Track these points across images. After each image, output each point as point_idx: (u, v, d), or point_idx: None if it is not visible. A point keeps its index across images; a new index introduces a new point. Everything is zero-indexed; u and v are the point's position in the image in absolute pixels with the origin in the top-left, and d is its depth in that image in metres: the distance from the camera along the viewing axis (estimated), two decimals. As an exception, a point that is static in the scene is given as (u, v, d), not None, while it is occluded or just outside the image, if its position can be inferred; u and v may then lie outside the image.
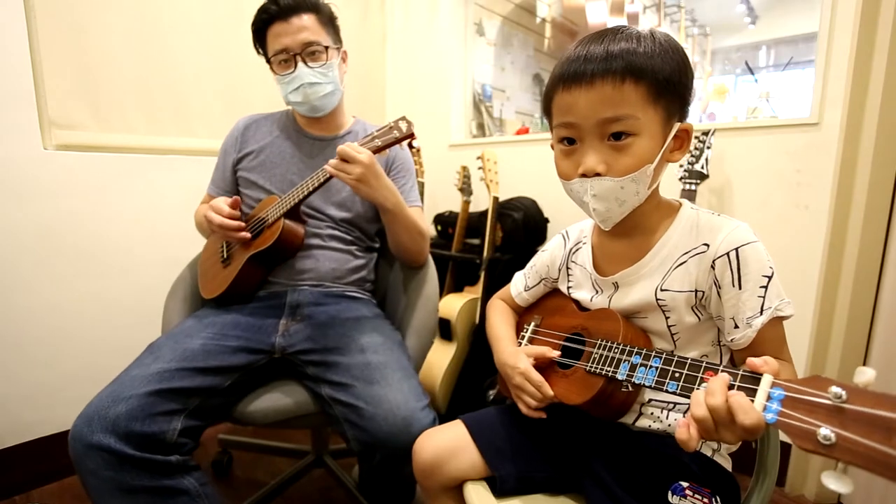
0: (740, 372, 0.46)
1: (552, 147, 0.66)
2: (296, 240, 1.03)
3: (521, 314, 0.87)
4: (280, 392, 0.95)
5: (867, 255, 1.14)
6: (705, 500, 0.58)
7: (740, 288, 0.58)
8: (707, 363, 0.50)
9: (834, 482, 0.36)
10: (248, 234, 1.01)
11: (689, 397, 0.49)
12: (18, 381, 1.31)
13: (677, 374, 0.52)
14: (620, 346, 0.60)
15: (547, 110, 0.64)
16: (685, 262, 0.62)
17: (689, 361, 0.51)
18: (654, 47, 0.57)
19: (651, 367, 0.55)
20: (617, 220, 0.63)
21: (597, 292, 0.71)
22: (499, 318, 0.86)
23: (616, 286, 0.68)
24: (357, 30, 2.07)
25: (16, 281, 1.29)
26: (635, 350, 0.58)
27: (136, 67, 1.44)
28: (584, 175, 0.59)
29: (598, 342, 0.63)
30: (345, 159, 0.91)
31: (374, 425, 0.82)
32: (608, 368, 0.60)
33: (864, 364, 1.18)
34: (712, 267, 0.60)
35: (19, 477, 1.32)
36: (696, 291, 0.61)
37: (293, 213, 1.01)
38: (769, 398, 0.42)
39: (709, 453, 0.65)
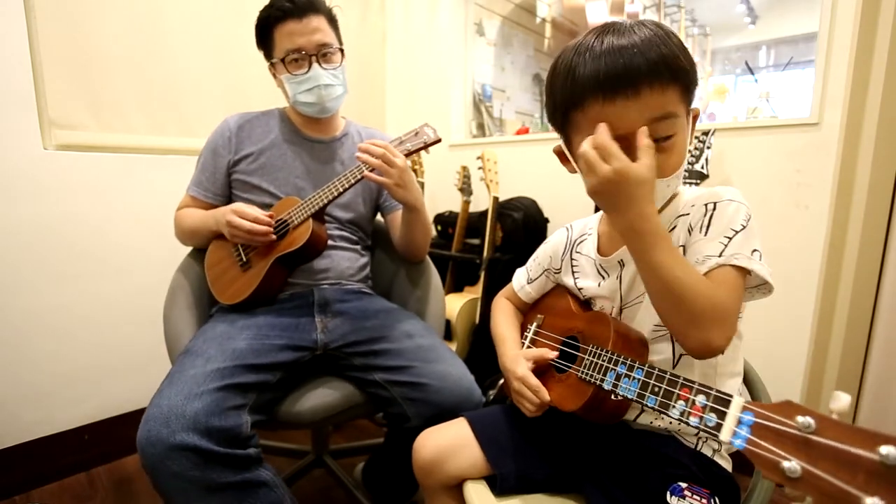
0: (713, 393, 0.46)
1: (562, 160, 0.66)
2: (322, 241, 1.03)
3: (526, 313, 0.87)
4: (325, 388, 0.97)
5: (867, 255, 1.14)
6: (704, 500, 0.58)
7: (706, 235, 0.58)
8: (683, 380, 0.50)
9: None
10: (273, 236, 1.00)
11: (666, 414, 0.49)
12: (18, 381, 1.31)
13: (656, 389, 0.52)
14: (608, 354, 0.60)
15: (564, 123, 0.61)
16: (675, 226, 0.63)
17: (667, 376, 0.52)
18: (666, 38, 0.56)
19: (634, 378, 0.55)
20: None
21: (603, 277, 0.71)
22: (502, 317, 0.85)
23: (622, 264, 0.68)
24: (357, 30, 2.07)
25: (16, 281, 1.29)
26: (621, 359, 0.58)
27: (136, 67, 1.44)
28: None
29: (590, 348, 0.64)
30: (383, 162, 0.95)
31: (442, 397, 0.90)
32: (597, 376, 0.60)
33: (864, 365, 1.18)
34: (688, 216, 0.61)
35: (19, 477, 1.32)
36: (681, 247, 0.62)
37: (319, 214, 1.01)
38: (739, 423, 0.41)
39: (709, 453, 0.65)
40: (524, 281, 0.86)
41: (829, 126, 1.19)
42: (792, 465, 0.35)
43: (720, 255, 0.55)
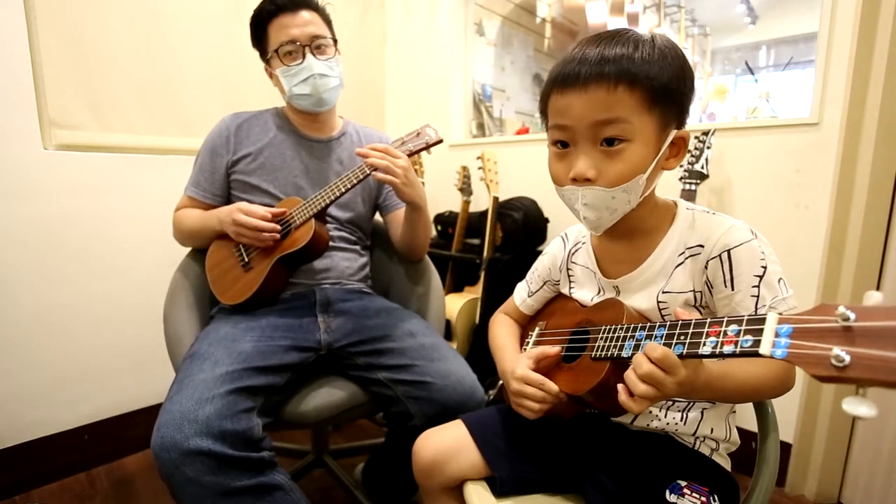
0: (745, 317, 0.44)
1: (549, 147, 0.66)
2: (324, 241, 1.03)
3: (526, 326, 0.86)
4: (329, 388, 0.97)
5: (867, 255, 1.14)
6: (703, 499, 0.58)
7: (732, 289, 0.58)
8: (712, 320, 0.47)
9: (856, 406, 0.33)
10: (277, 234, 1.00)
11: (697, 355, 0.46)
12: (18, 381, 1.31)
13: (683, 336, 0.48)
14: (624, 327, 0.57)
15: (543, 111, 0.64)
16: (682, 262, 0.62)
17: (693, 322, 0.49)
18: (652, 53, 0.56)
19: (656, 336, 0.51)
20: (607, 227, 0.63)
21: (599, 292, 0.71)
22: (500, 330, 0.84)
23: (618, 290, 0.68)
24: (357, 30, 2.07)
25: (16, 281, 1.29)
26: (639, 326, 0.55)
27: (136, 67, 1.44)
28: (574, 180, 0.59)
29: (603, 328, 0.61)
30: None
31: (445, 396, 0.91)
32: (614, 346, 0.57)
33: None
34: (705, 267, 0.60)
35: (19, 477, 1.32)
36: (695, 292, 0.61)
37: (321, 214, 1.01)
38: (777, 335, 0.40)
39: (707, 452, 0.65)
40: (525, 295, 0.84)
41: (829, 126, 1.19)
42: (839, 352, 0.33)
43: (756, 312, 0.56)
